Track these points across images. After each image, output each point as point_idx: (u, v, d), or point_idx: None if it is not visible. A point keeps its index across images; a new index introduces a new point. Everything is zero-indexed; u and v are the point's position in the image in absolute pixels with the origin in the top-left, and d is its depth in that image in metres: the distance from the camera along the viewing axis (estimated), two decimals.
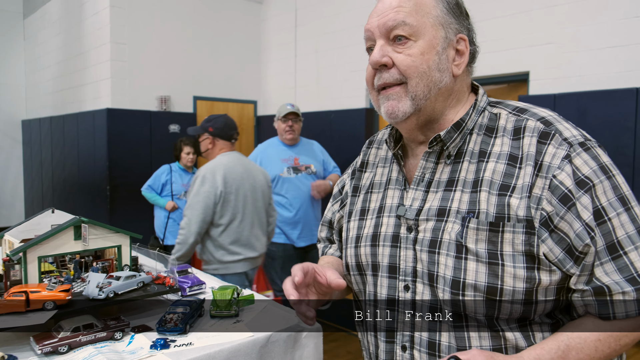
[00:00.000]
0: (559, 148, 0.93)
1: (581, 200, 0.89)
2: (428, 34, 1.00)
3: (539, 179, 0.92)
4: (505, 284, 0.92)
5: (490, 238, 0.93)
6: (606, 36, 4.23)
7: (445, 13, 1.02)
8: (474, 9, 1.18)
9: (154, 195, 5.00)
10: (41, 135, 8.39)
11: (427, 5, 1.01)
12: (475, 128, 1.05)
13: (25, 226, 1.55)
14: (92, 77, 6.76)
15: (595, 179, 0.90)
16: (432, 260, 1.00)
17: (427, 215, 1.03)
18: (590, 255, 0.89)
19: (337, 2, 6.57)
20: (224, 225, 2.98)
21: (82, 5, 6.97)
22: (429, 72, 1.00)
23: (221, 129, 3.10)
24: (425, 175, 1.07)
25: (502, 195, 0.94)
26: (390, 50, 1.02)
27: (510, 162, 0.96)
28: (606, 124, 4.11)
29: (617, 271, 0.88)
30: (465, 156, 1.03)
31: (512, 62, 4.83)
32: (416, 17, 1.00)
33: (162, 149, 6.69)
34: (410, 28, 0.99)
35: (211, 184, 2.93)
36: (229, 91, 7.46)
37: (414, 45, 1.00)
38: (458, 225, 0.97)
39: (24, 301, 1.17)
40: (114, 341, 1.20)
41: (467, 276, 0.95)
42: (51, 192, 8.07)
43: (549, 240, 0.91)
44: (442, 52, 1.01)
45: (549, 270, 0.92)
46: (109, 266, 1.51)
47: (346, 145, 6.33)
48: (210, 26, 7.16)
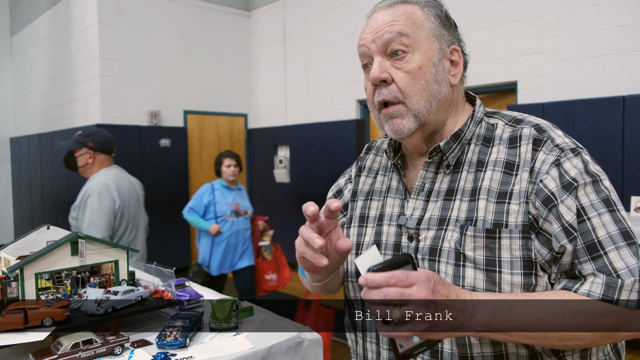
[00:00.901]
0: (550, 154, 0.95)
1: (565, 202, 0.91)
2: (424, 46, 1.02)
3: (530, 184, 0.95)
4: (503, 290, 0.93)
5: (487, 245, 0.95)
6: (590, 46, 4.31)
7: (437, 25, 1.04)
8: (461, 20, 1.20)
9: (196, 219, 4.42)
10: (30, 153, 8.32)
11: (419, 18, 1.03)
12: (473, 138, 1.07)
13: (21, 243, 1.54)
14: (82, 93, 6.74)
15: (580, 180, 0.92)
16: (433, 268, 1.01)
17: (427, 225, 1.04)
18: (567, 256, 0.90)
19: (325, 15, 6.64)
20: (118, 237, 3.04)
21: (69, 22, 6.97)
22: (427, 86, 1.01)
23: (102, 143, 3.14)
24: (425, 185, 1.08)
25: (500, 202, 0.97)
26: (389, 66, 1.02)
27: (506, 169, 0.99)
28: (594, 132, 4.17)
29: (596, 271, 0.89)
30: (464, 166, 1.05)
31: (500, 72, 4.90)
32: (411, 29, 1.02)
33: (153, 163, 6.68)
34: (408, 39, 1.01)
35: (109, 199, 2.98)
36: (219, 104, 7.47)
37: (411, 58, 1.01)
38: (457, 234, 0.99)
39: (22, 318, 1.16)
40: (114, 356, 1.20)
41: (465, 283, 0.96)
42: (41, 210, 7.99)
43: (536, 241, 0.93)
44: (439, 64, 1.03)
45: (543, 276, 0.94)
46: (106, 281, 1.50)
47: (337, 156, 6.35)
48: (199, 40, 7.19)
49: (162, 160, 6.76)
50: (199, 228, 4.44)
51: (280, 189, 7.31)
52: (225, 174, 4.44)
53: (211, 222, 4.37)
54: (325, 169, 6.59)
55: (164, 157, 6.78)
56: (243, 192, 4.67)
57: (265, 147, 7.59)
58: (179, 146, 6.94)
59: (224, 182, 4.49)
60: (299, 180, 7.04)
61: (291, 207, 7.08)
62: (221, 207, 4.41)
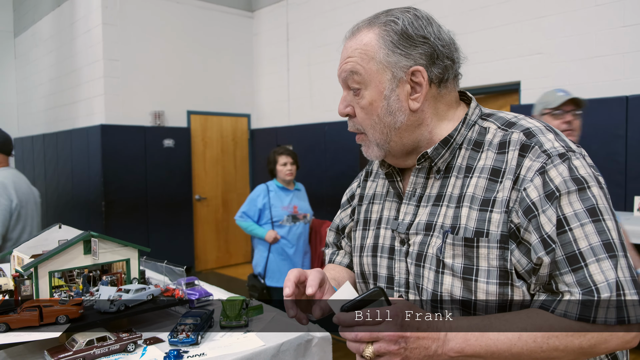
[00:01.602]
0: (536, 160, 0.93)
1: (546, 212, 0.90)
2: (374, 80, 1.02)
3: (514, 192, 0.93)
4: (479, 298, 0.95)
5: (466, 253, 0.96)
6: (593, 46, 4.32)
7: (388, 55, 1.00)
8: (465, 21, 1.21)
9: (250, 224, 3.94)
10: (34, 153, 8.36)
11: (371, 50, 1.01)
12: (464, 143, 1.06)
13: (34, 242, 1.56)
14: (85, 94, 6.77)
15: (564, 189, 0.90)
16: (418, 273, 1.03)
17: (416, 230, 1.06)
18: (544, 267, 0.89)
19: (328, 16, 6.65)
20: (14, 240, 3.02)
21: (73, 23, 6.99)
22: (379, 120, 1.04)
23: (2, 143, 3.16)
24: (416, 190, 1.10)
25: (483, 210, 0.96)
26: (351, 100, 1.07)
27: (492, 176, 0.98)
28: (597, 132, 4.18)
29: (576, 284, 0.86)
30: (453, 171, 1.05)
31: (502, 72, 4.91)
32: (362, 65, 1.02)
33: (157, 164, 6.70)
34: (359, 77, 1.03)
35: (6, 196, 2.97)
36: (222, 105, 7.49)
37: (364, 94, 1.04)
38: (440, 240, 1.00)
39: (37, 315, 1.19)
40: (127, 353, 1.22)
41: (443, 290, 0.98)
42: (45, 210, 8.02)
43: (516, 251, 0.93)
44: (391, 95, 1.01)
45: (520, 287, 0.93)
46: (117, 280, 1.52)
47: (340, 157, 6.37)
48: (203, 41, 7.21)
49: (165, 160, 6.79)
50: (254, 235, 3.97)
51: None
52: (281, 174, 3.94)
53: (267, 228, 3.90)
54: (328, 169, 6.61)
55: (168, 158, 6.81)
56: (302, 193, 4.18)
57: (268, 148, 7.59)
58: (182, 146, 6.96)
59: (280, 183, 4.00)
60: (302, 180, 7.01)
61: None
62: (277, 210, 3.92)
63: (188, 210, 7.05)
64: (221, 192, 7.56)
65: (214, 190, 7.46)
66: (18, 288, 1.31)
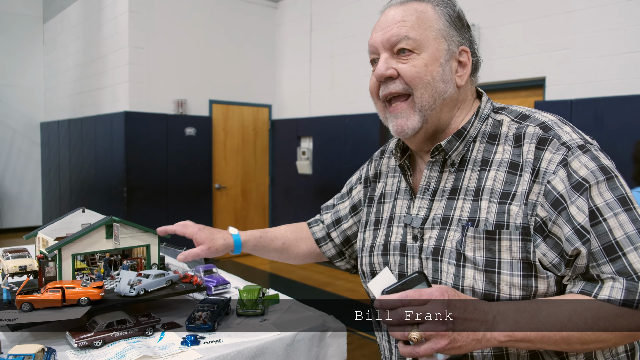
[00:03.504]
0: (556, 153, 0.93)
1: (576, 203, 0.89)
2: (431, 46, 1.02)
3: (535, 185, 0.93)
4: (502, 291, 0.93)
5: (487, 246, 0.95)
6: (623, 42, 4.21)
7: (447, 26, 1.04)
8: (490, 15, 1.20)
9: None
10: (59, 138, 8.52)
11: (429, 18, 1.04)
12: (478, 136, 1.06)
13: (58, 224, 1.60)
14: (110, 81, 6.87)
15: (592, 179, 0.89)
16: (436, 267, 1.02)
17: (431, 224, 1.05)
18: (582, 259, 0.88)
19: (352, 7, 6.61)
20: None
21: (100, 10, 7.08)
22: (433, 82, 1.02)
23: None
24: (430, 184, 1.09)
25: (502, 203, 0.96)
26: (394, 63, 1.04)
27: (510, 169, 0.97)
28: (623, 130, 4.09)
29: (615, 273, 0.86)
30: (469, 164, 1.04)
31: (528, 67, 4.83)
32: (419, 30, 1.02)
33: (178, 151, 6.77)
34: (414, 42, 1.02)
35: None
36: (244, 95, 7.53)
37: (417, 57, 1.02)
38: (459, 234, 0.99)
39: (60, 296, 1.22)
40: (145, 337, 1.24)
41: (465, 283, 0.96)
42: (68, 194, 8.19)
43: (542, 245, 0.91)
44: (445, 64, 1.03)
45: (546, 277, 0.92)
46: (137, 264, 1.55)
47: (360, 149, 6.35)
48: (226, 31, 7.24)
49: (187, 148, 6.86)
50: None
51: (302, 180, 7.34)
52: None
53: None
54: (347, 161, 6.60)
55: (189, 146, 6.87)
56: None
57: (288, 138, 7.62)
58: (203, 135, 7.02)
59: None
60: (321, 172, 7.06)
61: (312, 198, 7.12)
62: None
63: (208, 198, 7.12)
64: (240, 181, 7.62)
65: (233, 179, 7.52)
66: (42, 269, 1.35)
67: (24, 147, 9.23)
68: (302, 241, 1.43)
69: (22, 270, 1.43)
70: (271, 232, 1.42)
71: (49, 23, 9.11)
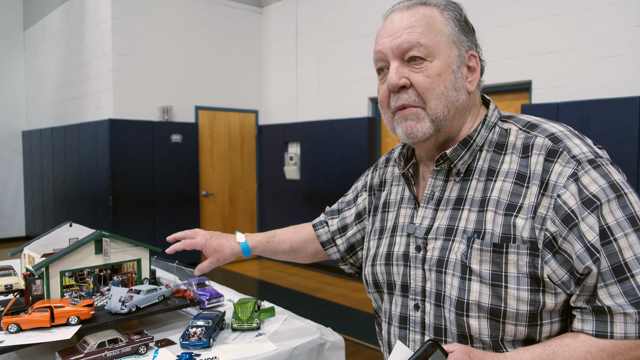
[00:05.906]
0: (566, 166, 0.90)
1: (587, 220, 0.86)
2: (443, 53, 0.99)
3: (544, 198, 0.90)
4: (509, 306, 0.91)
5: (494, 259, 0.92)
6: (607, 45, 4.26)
7: (456, 31, 1.01)
8: (475, 19, 1.18)
9: None
10: (42, 146, 8.38)
11: (438, 23, 1.00)
12: (485, 144, 1.03)
13: (44, 240, 1.55)
14: (94, 88, 6.77)
15: (603, 197, 0.87)
16: (440, 279, 0.99)
17: (435, 235, 1.02)
18: (592, 277, 0.86)
19: (338, 12, 6.61)
20: None
21: (83, 17, 6.99)
22: (446, 92, 0.98)
23: None
24: (435, 194, 1.06)
25: (508, 215, 0.93)
26: (406, 71, 1.00)
27: (517, 180, 0.94)
28: (609, 133, 4.13)
29: (623, 294, 0.84)
30: (474, 174, 1.01)
31: (514, 70, 4.86)
32: (429, 36, 0.98)
33: (165, 159, 6.70)
34: (426, 49, 0.98)
35: None
36: (231, 101, 7.48)
37: (430, 66, 0.98)
38: (464, 245, 0.96)
39: (48, 316, 1.17)
40: (139, 355, 1.20)
41: (470, 297, 0.94)
42: (52, 203, 8.05)
43: (552, 261, 0.89)
44: (457, 71, 1.00)
45: (554, 293, 0.90)
46: (128, 280, 1.50)
47: (348, 154, 6.34)
48: (212, 36, 7.19)
49: (173, 155, 6.79)
50: None
51: (290, 185, 7.31)
52: None
53: None
54: (335, 166, 6.58)
55: (176, 153, 6.80)
56: None
57: (275, 144, 7.59)
58: (190, 142, 6.96)
59: None
60: (309, 177, 7.03)
61: (300, 204, 7.09)
62: None
63: (195, 205, 7.05)
64: (228, 188, 7.55)
65: (220, 186, 7.46)
66: (29, 287, 1.30)
67: (5, 156, 9.05)
68: (309, 242, 1.43)
69: (7, 290, 1.38)
70: (278, 236, 1.42)
71: (30, 30, 8.97)
